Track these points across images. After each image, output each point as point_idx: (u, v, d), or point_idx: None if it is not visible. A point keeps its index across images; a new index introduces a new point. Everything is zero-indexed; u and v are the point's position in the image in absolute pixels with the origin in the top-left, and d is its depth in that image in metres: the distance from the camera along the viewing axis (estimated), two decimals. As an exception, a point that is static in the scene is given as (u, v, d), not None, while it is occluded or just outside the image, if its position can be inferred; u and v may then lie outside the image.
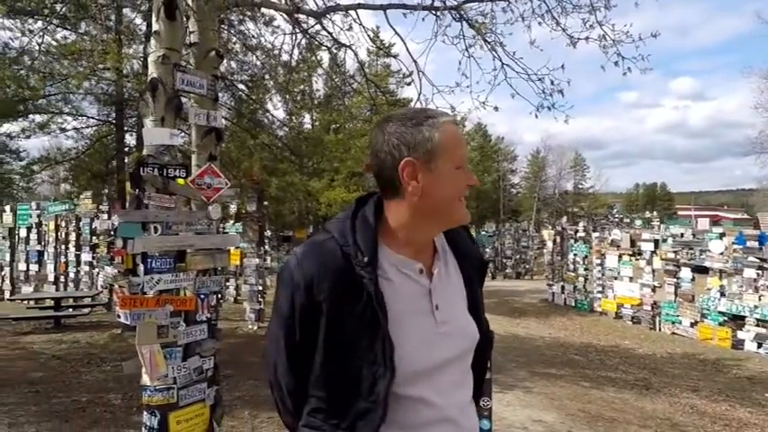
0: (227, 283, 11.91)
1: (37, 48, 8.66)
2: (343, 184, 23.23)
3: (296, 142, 13.97)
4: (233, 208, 12.60)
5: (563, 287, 12.18)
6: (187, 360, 2.68)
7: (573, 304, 11.69)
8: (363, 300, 0.90)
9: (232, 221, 12.63)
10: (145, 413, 2.64)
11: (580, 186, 51.77)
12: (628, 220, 24.14)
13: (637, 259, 10.05)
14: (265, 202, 11.35)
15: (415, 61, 5.94)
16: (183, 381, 2.65)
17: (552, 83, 5.38)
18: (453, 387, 0.99)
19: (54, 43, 9.36)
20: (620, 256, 10.31)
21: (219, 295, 2.96)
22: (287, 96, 10.89)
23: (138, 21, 12.44)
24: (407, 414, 0.92)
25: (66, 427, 3.52)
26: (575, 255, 11.84)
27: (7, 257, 11.64)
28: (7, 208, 12.25)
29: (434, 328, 0.96)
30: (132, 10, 11.91)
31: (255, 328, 8.16)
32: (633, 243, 10.56)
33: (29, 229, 11.40)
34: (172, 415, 2.61)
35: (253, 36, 9.48)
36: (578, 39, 5.33)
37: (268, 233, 13.20)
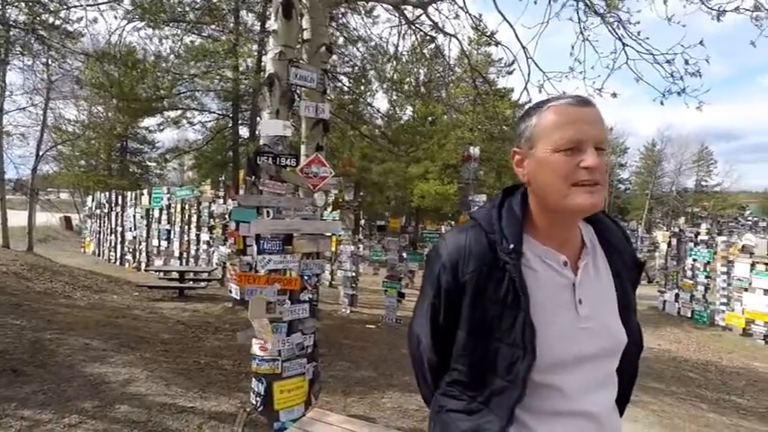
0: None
1: (169, 52, 9.83)
2: (438, 176, 23.07)
3: (395, 133, 14.19)
4: (331, 196, 13.22)
5: (677, 295, 10.95)
6: (290, 336, 2.90)
7: (689, 315, 10.46)
8: (505, 284, 0.93)
9: (329, 209, 13.27)
10: (253, 380, 2.91)
11: (704, 183, 45.81)
12: (765, 224, 20.85)
13: (776, 270, 8.67)
14: (361, 192, 11.72)
15: (524, 47, 5.67)
16: (286, 354, 2.87)
17: (687, 62, 4.80)
18: (594, 386, 0.97)
19: (183, 47, 10.56)
20: (752, 265, 8.96)
21: (317, 279, 3.14)
22: (389, 87, 11.07)
23: (251, 21, 13.54)
24: (542, 401, 0.94)
25: (189, 384, 4.02)
26: (694, 260, 10.54)
27: (144, 234, 13.50)
28: (145, 191, 14.15)
29: (576, 322, 0.95)
30: (248, 12, 12.98)
31: (349, 312, 8.52)
32: (772, 251, 9.10)
33: (161, 210, 13.07)
34: (276, 384, 2.86)
35: (354, 29, 9.76)
36: (724, 11, 4.62)
37: (362, 222, 13.62)
